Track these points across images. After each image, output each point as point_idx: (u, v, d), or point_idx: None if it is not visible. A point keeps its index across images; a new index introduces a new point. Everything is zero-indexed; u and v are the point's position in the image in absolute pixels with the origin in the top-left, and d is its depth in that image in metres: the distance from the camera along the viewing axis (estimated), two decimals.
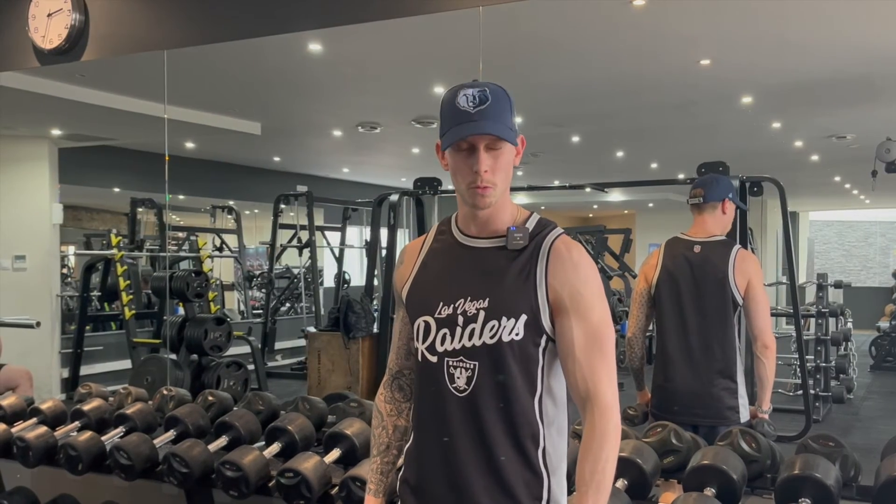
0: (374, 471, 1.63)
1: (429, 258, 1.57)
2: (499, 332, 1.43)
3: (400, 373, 1.65)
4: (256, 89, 6.21)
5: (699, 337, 2.85)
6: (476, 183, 1.43)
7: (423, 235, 1.63)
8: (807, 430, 4.53)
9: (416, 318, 1.52)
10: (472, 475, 1.43)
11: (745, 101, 6.47)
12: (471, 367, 1.44)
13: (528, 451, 1.44)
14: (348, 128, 7.84)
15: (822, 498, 1.87)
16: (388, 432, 1.64)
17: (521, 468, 1.44)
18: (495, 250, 1.48)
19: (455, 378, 1.45)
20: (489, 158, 1.42)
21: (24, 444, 2.78)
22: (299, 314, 10.52)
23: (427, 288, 1.53)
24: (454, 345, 1.46)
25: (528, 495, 1.44)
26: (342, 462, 2.42)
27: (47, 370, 6.90)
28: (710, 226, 2.93)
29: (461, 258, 1.51)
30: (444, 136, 1.44)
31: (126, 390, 3.14)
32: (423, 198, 6.05)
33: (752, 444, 2.21)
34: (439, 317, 1.48)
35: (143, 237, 9.46)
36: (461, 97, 1.43)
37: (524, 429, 1.44)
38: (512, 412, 1.44)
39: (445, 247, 1.55)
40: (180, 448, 2.50)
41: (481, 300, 1.45)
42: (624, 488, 2.02)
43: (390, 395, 1.66)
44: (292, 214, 9.85)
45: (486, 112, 1.41)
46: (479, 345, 1.44)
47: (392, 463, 1.65)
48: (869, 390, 8.95)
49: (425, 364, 1.50)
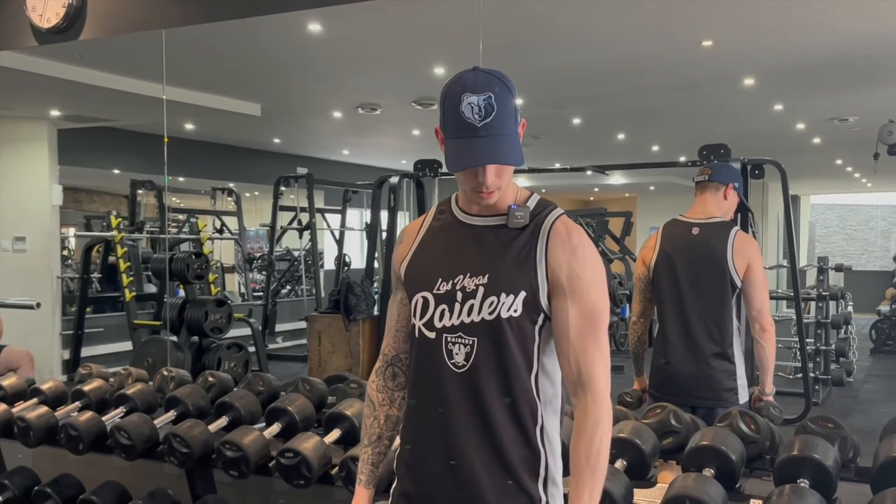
0: (364, 461, 1.61)
1: (428, 236, 1.56)
2: (498, 308, 1.42)
3: (396, 357, 1.62)
4: (256, 70, 6.19)
5: (697, 319, 2.84)
6: (480, 190, 1.42)
7: (423, 216, 1.62)
8: (806, 412, 4.54)
9: (414, 294, 1.51)
10: (470, 451, 1.43)
11: (748, 82, 6.43)
12: (469, 343, 1.44)
13: (527, 428, 1.44)
14: (348, 109, 7.81)
15: (821, 478, 1.87)
16: (379, 423, 1.62)
17: (520, 445, 1.44)
18: (496, 228, 1.47)
19: (453, 354, 1.45)
20: (492, 176, 1.41)
21: (25, 424, 2.79)
22: (300, 297, 10.54)
23: (426, 264, 1.52)
24: (453, 321, 1.45)
25: (527, 472, 1.44)
26: (342, 442, 2.43)
27: (48, 352, 6.92)
28: (710, 207, 2.92)
29: (461, 235, 1.50)
30: (449, 150, 1.39)
31: (127, 371, 3.15)
32: (424, 180, 6.04)
33: (751, 426, 2.21)
34: (438, 293, 1.47)
35: (143, 219, 9.45)
36: (465, 106, 1.36)
37: (523, 406, 1.44)
38: (512, 389, 1.43)
39: (445, 225, 1.54)
40: (181, 428, 2.50)
41: (481, 276, 1.44)
42: (623, 469, 2.03)
43: (383, 384, 1.63)
44: (292, 197, 9.84)
45: (493, 126, 1.36)
46: (477, 321, 1.43)
47: (383, 453, 1.63)
48: (869, 373, 8.97)
49: (423, 340, 1.49)
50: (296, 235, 10.07)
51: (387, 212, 6.51)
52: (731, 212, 2.99)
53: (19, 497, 2.81)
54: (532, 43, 5.25)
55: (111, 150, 9.02)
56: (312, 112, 8.15)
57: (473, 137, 1.36)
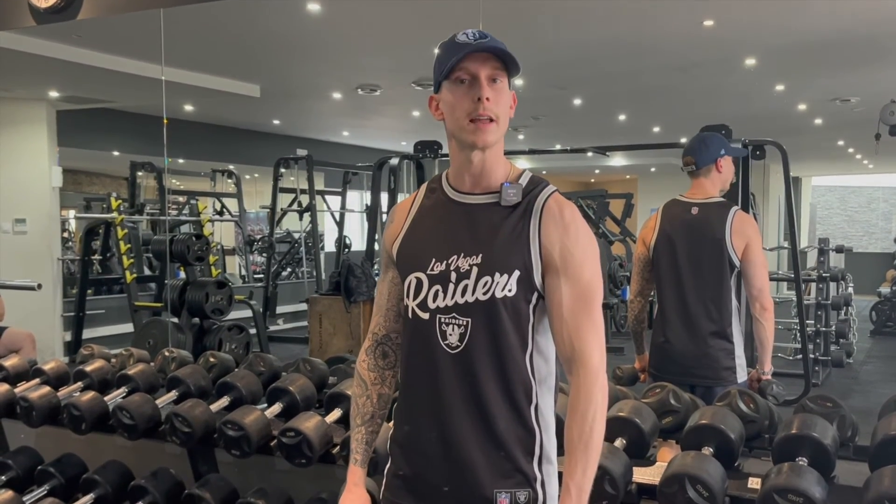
0: (359, 441, 1.61)
1: (420, 215, 1.55)
2: (492, 288, 1.42)
3: (386, 337, 1.62)
4: (255, 50, 6.15)
5: (696, 298, 2.85)
6: (478, 111, 1.40)
7: (413, 194, 1.60)
8: (806, 393, 4.56)
9: (407, 275, 1.50)
10: (465, 431, 1.43)
11: (749, 63, 6.40)
12: (464, 323, 1.43)
13: (521, 408, 1.44)
14: (348, 90, 7.78)
15: (819, 457, 1.88)
16: (372, 402, 1.62)
17: (515, 424, 1.44)
18: (488, 206, 1.47)
19: (447, 335, 1.44)
20: (491, 89, 1.40)
21: (28, 404, 2.80)
22: (300, 279, 10.55)
23: (419, 244, 1.51)
24: (447, 301, 1.44)
25: (521, 450, 1.44)
26: (343, 422, 2.43)
27: (50, 333, 6.94)
28: (708, 188, 2.92)
29: (453, 214, 1.49)
30: (444, 68, 1.41)
31: (128, 352, 3.15)
32: (424, 161, 6.03)
33: (750, 405, 2.22)
34: (432, 273, 1.46)
35: (143, 201, 9.45)
36: (460, 36, 1.41)
37: (517, 385, 1.44)
38: (506, 369, 1.43)
39: (437, 204, 1.53)
40: (182, 408, 2.51)
41: (474, 256, 1.44)
42: (622, 447, 2.04)
43: (373, 363, 1.63)
44: (292, 178, 9.81)
45: (487, 42, 1.40)
46: (472, 301, 1.43)
47: (376, 432, 1.63)
48: (869, 355, 8.99)
49: (416, 321, 1.48)
50: (296, 217, 10.06)
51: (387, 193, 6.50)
52: (729, 177, 2.97)
53: (22, 476, 2.82)
54: (532, 23, 5.21)
55: (110, 131, 9.00)
56: (312, 93, 8.12)
57: (469, 49, 1.40)
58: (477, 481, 1.43)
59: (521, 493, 1.43)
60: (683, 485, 1.80)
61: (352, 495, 1.58)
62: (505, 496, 1.43)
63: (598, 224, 10.26)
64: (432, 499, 1.47)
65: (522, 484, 1.44)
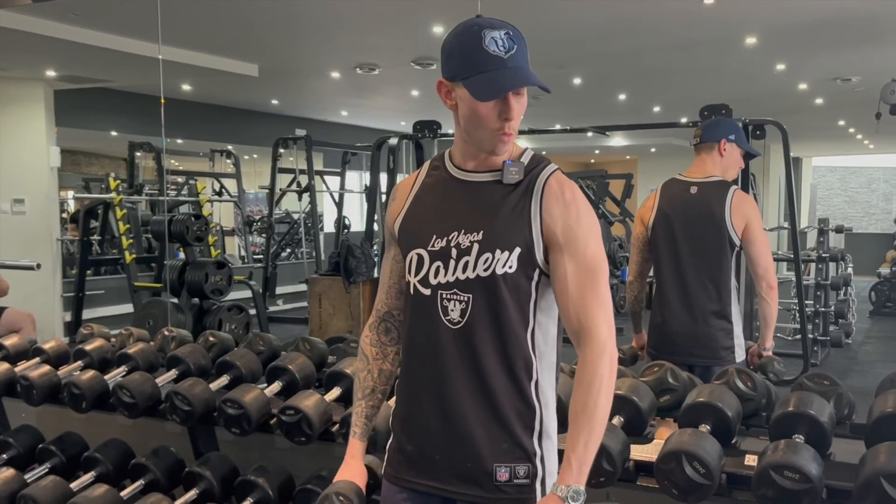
0: (358, 414, 1.63)
1: (422, 192, 1.56)
2: (493, 264, 1.42)
3: (389, 314, 1.64)
4: (253, 29, 6.11)
5: (695, 277, 2.85)
6: (503, 130, 1.41)
7: (416, 172, 1.61)
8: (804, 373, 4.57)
9: (408, 251, 1.51)
10: (466, 406, 1.45)
11: (750, 41, 6.36)
12: (465, 299, 1.44)
13: (521, 383, 1.45)
14: (347, 69, 7.74)
15: (816, 434, 1.89)
16: (373, 376, 1.63)
17: (515, 399, 1.45)
18: (490, 184, 1.47)
19: (449, 311, 1.45)
20: (518, 106, 1.41)
21: (28, 383, 2.81)
22: (300, 259, 10.55)
23: (420, 221, 1.52)
24: (447, 277, 1.45)
25: (521, 426, 1.45)
26: (343, 400, 2.44)
27: (49, 314, 6.96)
28: (708, 167, 2.91)
29: (455, 191, 1.50)
30: (474, 82, 1.37)
31: (128, 331, 3.16)
32: (423, 141, 6.02)
33: (747, 383, 2.23)
34: (433, 249, 1.47)
35: (141, 181, 9.43)
36: (489, 41, 1.37)
37: (518, 361, 1.45)
38: (506, 344, 1.44)
39: (439, 181, 1.54)
40: (182, 386, 2.52)
41: (475, 233, 1.44)
42: (620, 425, 2.05)
43: (376, 338, 1.64)
44: (291, 159, 9.79)
45: (517, 58, 1.39)
46: (472, 277, 1.44)
47: (376, 407, 1.65)
48: (868, 335, 9.02)
49: (417, 297, 1.49)
50: (295, 198, 10.05)
51: (386, 174, 6.49)
52: (732, 166, 2.94)
53: (23, 455, 2.84)
54: (531, 0, 5.18)
55: (108, 111, 8.97)
56: (310, 72, 8.08)
57: (503, 69, 1.38)
58: (477, 455, 1.44)
59: (521, 467, 1.44)
60: (680, 462, 1.81)
61: (349, 468, 1.59)
62: (504, 470, 1.44)
63: (598, 205, 10.25)
64: (433, 473, 1.48)
65: (522, 459, 1.45)
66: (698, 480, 1.80)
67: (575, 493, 1.35)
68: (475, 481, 1.45)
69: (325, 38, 6.47)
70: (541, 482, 1.46)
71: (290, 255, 11.02)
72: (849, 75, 7.81)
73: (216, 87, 8.78)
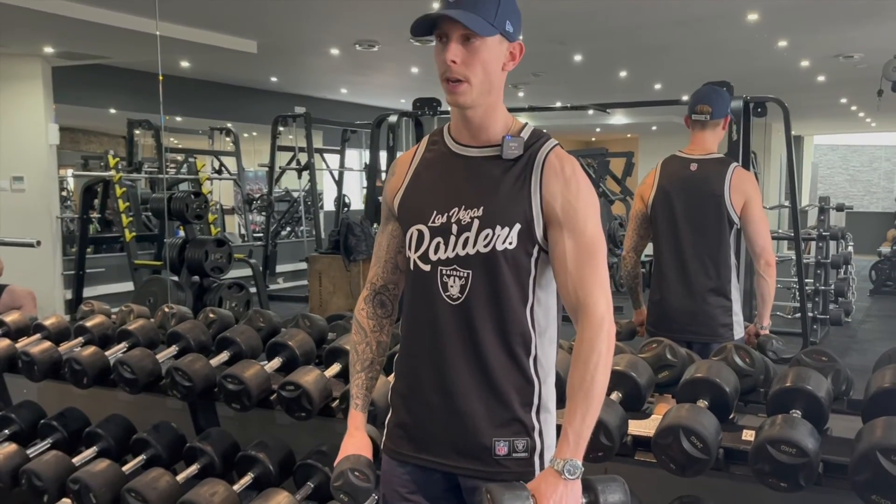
0: (359, 386, 1.63)
1: (421, 167, 1.55)
2: (493, 240, 1.42)
3: (384, 287, 1.64)
4: (251, 4, 6.06)
5: (694, 255, 2.84)
6: (445, 75, 1.40)
7: (415, 146, 1.60)
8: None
9: (408, 227, 1.51)
10: (464, 381, 1.45)
11: (751, 17, 6.31)
12: (464, 275, 1.44)
13: (520, 359, 1.46)
14: (346, 46, 7.69)
15: (813, 409, 1.90)
16: (371, 348, 1.64)
17: (513, 374, 1.46)
18: (489, 159, 1.46)
19: (448, 287, 1.46)
20: (461, 50, 1.38)
21: (29, 359, 2.82)
22: (300, 237, 10.55)
23: (420, 197, 1.52)
24: (447, 253, 1.45)
25: (520, 401, 1.46)
26: (342, 376, 2.46)
27: (50, 292, 6.97)
28: (709, 143, 2.89)
29: (455, 167, 1.49)
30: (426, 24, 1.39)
31: (128, 308, 3.17)
32: (423, 119, 5.99)
33: (745, 359, 2.23)
34: (433, 225, 1.47)
35: (141, 159, 9.40)
36: None
37: (516, 337, 1.45)
38: (505, 320, 1.45)
39: (438, 156, 1.53)
40: (183, 362, 2.53)
41: (475, 209, 1.44)
42: (618, 400, 2.06)
43: (372, 311, 1.64)
44: (291, 137, 9.76)
45: (466, 2, 1.36)
46: (472, 253, 1.44)
47: (375, 378, 1.66)
48: (867, 314, 9.04)
49: (417, 273, 1.49)
50: (295, 176, 10.03)
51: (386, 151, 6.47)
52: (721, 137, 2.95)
53: (25, 430, 2.86)
54: None
55: (106, 88, 8.92)
56: (310, 49, 8.03)
57: (443, 7, 1.37)
58: (476, 430, 1.45)
59: (520, 441, 1.45)
60: (678, 436, 1.82)
61: (353, 439, 1.60)
62: (503, 444, 1.45)
63: (599, 183, 10.22)
64: (433, 448, 1.49)
65: (521, 433, 1.46)
66: (695, 455, 1.81)
67: (571, 467, 1.36)
68: (474, 455, 1.46)
69: (325, 15, 6.42)
70: (539, 456, 1.47)
71: (289, 233, 11.02)
72: (851, 52, 7.76)
73: (215, 64, 8.73)
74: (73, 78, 7.95)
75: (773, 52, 7.71)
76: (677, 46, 7.63)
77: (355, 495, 1.53)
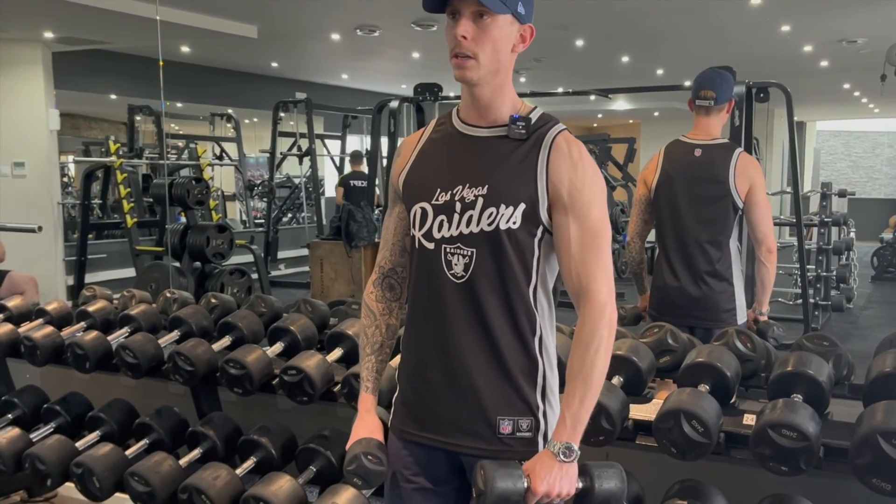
0: (369, 369, 1.64)
1: (427, 147, 1.55)
2: (497, 219, 1.42)
3: (392, 270, 1.63)
4: None
5: (697, 240, 2.84)
6: (454, 52, 1.39)
7: (422, 128, 1.60)
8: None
9: (412, 205, 1.51)
10: (470, 359, 1.45)
11: (754, 2, 6.28)
12: (468, 253, 1.44)
13: (525, 337, 1.46)
14: (347, 31, 7.65)
15: (814, 394, 1.90)
16: (381, 331, 1.64)
17: (519, 353, 1.46)
18: (496, 139, 1.46)
19: (452, 265, 1.45)
20: (472, 26, 1.38)
21: (32, 344, 2.83)
22: (301, 224, 10.55)
23: (424, 175, 1.51)
24: (451, 231, 1.45)
25: (525, 379, 1.46)
26: (344, 361, 2.46)
27: (52, 278, 6.98)
28: (713, 129, 2.88)
29: (460, 146, 1.49)
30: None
31: (130, 293, 3.17)
32: (424, 104, 5.96)
33: (746, 344, 2.23)
34: (437, 203, 1.47)
35: (141, 145, 9.39)
36: None
37: (521, 316, 1.45)
38: (510, 299, 1.45)
39: (445, 136, 1.53)
40: (185, 347, 2.53)
41: (480, 187, 1.44)
42: (620, 385, 2.06)
43: (381, 294, 1.64)
44: (292, 123, 9.74)
45: None
46: (476, 232, 1.43)
47: (385, 361, 1.66)
48: (869, 300, 9.04)
49: (422, 251, 1.50)
50: (296, 162, 10.01)
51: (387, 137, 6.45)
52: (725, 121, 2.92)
53: (29, 415, 2.87)
54: None
55: (107, 73, 8.90)
56: (310, 34, 7.99)
57: None
58: (481, 408, 1.45)
59: (524, 420, 1.46)
60: (679, 420, 1.83)
61: (364, 422, 1.60)
62: (508, 423, 1.45)
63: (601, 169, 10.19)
64: (436, 426, 1.50)
65: (525, 412, 1.46)
66: (696, 439, 1.82)
67: (567, 449, 1.36)
68: (478, 434, 1.46)
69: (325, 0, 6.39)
70: (543, 436, 1.47)
71: (291, 219, 11.02)
72: (854, 37, 7.71)
73: (215, 50, 8.70)
74: (74, 63, 7.93)
75: (776, 37, 7.67)
76: (679, 31, 7.59)
77: (369, 479, 1.54)
